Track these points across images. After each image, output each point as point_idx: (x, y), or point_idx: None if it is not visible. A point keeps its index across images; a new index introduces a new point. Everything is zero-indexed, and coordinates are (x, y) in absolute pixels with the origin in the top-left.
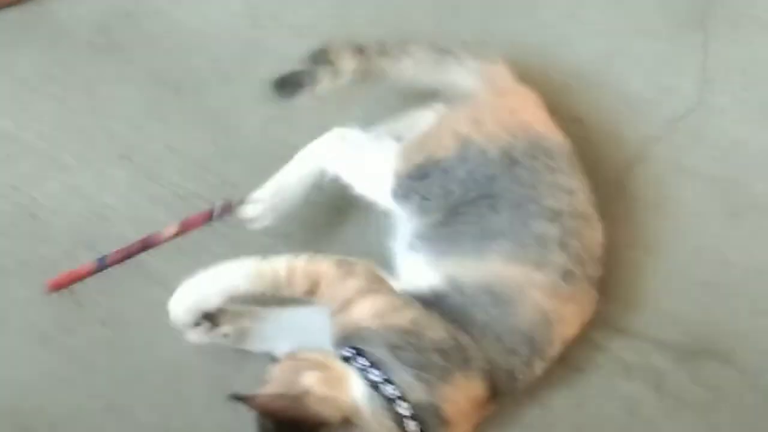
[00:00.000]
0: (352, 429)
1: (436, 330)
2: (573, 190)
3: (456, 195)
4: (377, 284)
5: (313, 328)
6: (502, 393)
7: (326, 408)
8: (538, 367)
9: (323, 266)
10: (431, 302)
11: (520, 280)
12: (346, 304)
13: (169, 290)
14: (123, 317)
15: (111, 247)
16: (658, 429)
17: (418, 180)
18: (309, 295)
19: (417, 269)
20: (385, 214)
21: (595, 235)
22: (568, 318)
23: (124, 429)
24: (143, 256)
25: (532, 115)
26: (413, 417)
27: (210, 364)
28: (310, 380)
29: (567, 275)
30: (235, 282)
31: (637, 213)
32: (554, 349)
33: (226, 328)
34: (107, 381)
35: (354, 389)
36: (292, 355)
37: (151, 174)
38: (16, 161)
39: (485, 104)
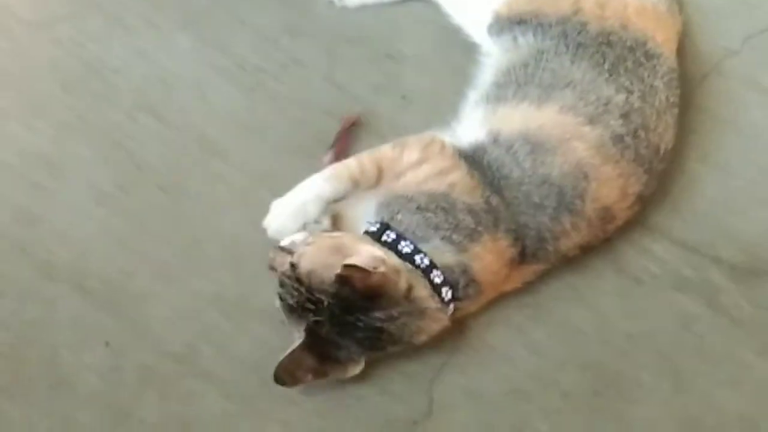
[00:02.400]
0: (412, 299)
1: (472, 194)
2: (656, 89)
3: (544, 46)
4: (431, 152)
5: None
6: (531, 254)
7: (398, 278)
8: (567, 222)
9: (382, 150)
10: (475, 160)
11: (568, 129)
12: (397, 176)
13: (229, 162)
14: (182, 186)
15: (172, 113)
16: (710, 345)
17: (515, 23)
18: (379, 181)
19: (472, 124)
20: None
21: (662, 133)
22: (606, 179)
23: (177, 295)
24: (205, 127)
25: (658, 31)
26: (445, 283)
27: (266, 242)
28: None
29: (617, 139)
30: (322, 188)
31: (706, 126)
32: (586, 207)
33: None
34: (163, 247)
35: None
36: (312, 234)
37: (217, 43)
38: (83, 19)
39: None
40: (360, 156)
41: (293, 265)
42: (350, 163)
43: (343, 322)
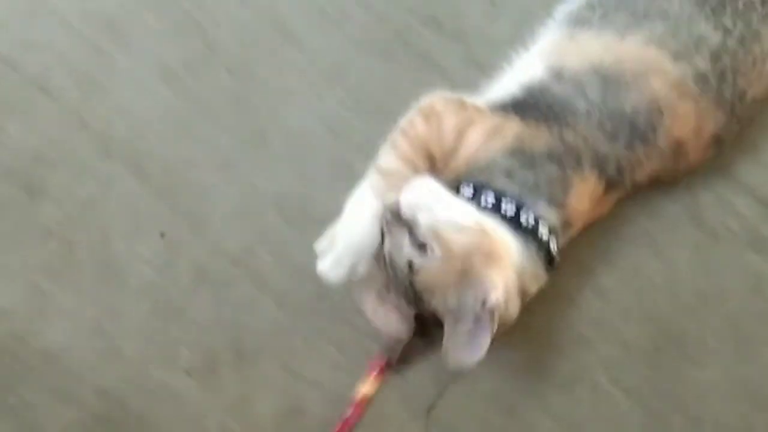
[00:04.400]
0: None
1: (540, 137)
2: (759, 36)
3: None
4: (467, 111)
5: None
6: (612, 185)
7: (513, 310)
8: (640, 151)
9: (417, 131)
10: (528, 103)
11: (648, 64)
12: (453, 151)
13: (304, 52)
14: (251, 70)
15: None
16: None
17: None
18: (433, 167)
19: (533, 58)
20: None
21: (753, 80)
22: (681, 115)
23: (238, 191)
24: (282, 9)
25: None
26: (551, 238)
27: (335, 143)
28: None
29: (700, 79)
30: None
31: None
32: (659, 139)
33: None
34: (226, 135)
35: (510, 246)
36: (437, 236)
37: None
38: None
39: None
40: (398, 150)
41: (411, 269)
42: (396, 167)
43: None
